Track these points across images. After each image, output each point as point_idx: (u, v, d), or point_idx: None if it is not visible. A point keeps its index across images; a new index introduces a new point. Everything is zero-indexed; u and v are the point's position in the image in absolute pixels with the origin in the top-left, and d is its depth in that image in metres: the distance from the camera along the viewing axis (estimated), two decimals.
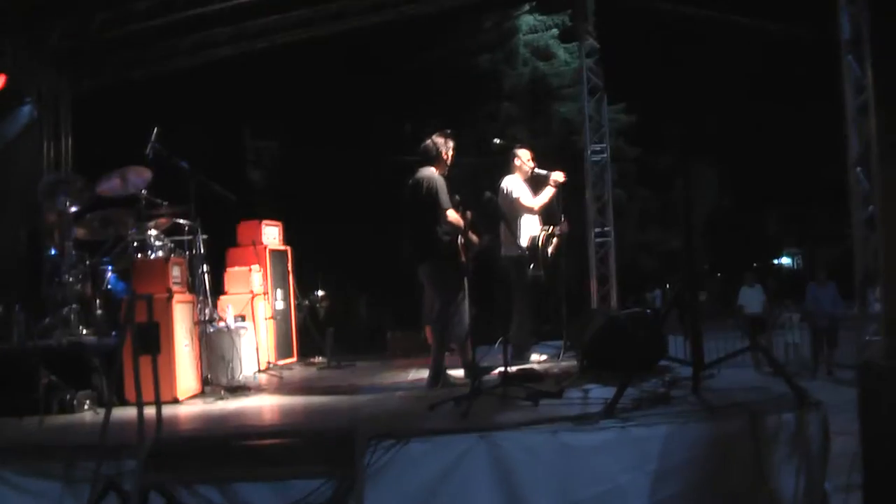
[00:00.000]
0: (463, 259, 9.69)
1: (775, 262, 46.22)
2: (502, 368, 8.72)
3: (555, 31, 21.47)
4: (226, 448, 6.93)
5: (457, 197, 9.72)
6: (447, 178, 9.87)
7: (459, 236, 9.67)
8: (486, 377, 9.34)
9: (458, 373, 9.92)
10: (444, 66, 19.29)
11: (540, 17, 21.85)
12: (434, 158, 9.91)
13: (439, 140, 9.98)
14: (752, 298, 19.04)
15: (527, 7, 21.38)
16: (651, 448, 6.70)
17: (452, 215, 9.63)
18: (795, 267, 45.31)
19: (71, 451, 6.94)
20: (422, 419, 7.61)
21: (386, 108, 17.48)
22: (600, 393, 8.09)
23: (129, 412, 8.61)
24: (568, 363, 10.73)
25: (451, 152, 10.01)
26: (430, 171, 9.82)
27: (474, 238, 9.84)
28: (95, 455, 6.74)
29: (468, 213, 9.77)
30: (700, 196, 18.93)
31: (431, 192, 9.64)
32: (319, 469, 6.53)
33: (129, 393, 9.44)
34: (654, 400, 7.54)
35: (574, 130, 16.96)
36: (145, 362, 9.00)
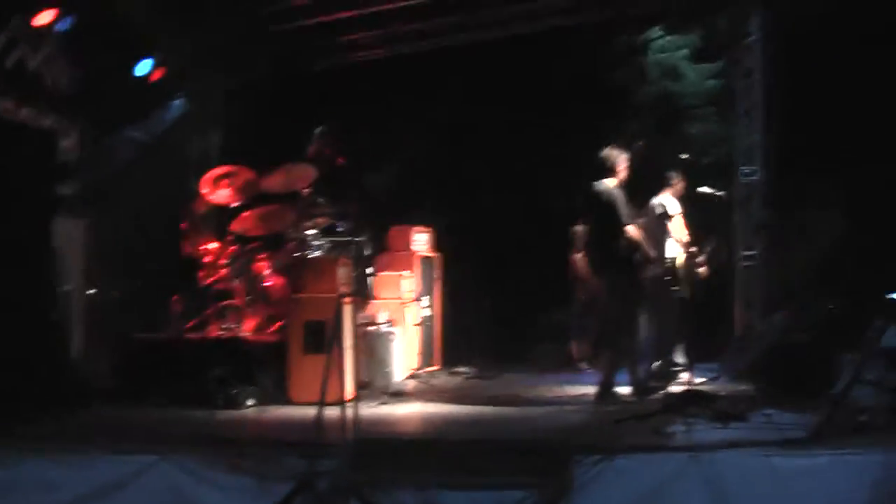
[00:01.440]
0: (641, 274, 9.54)
1: None
2: (671, 388, 8.55)
3: (685, 52, 21.09)
4: (427, 453, 6.80)
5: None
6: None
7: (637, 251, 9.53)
8: (654, 396, 9.17)
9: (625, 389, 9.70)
10: (578, 80, 18.96)
11: (670, 38, 21.46)
12: (610, 171, 9.72)
13: (614, 152, 9.81)
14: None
15: (657, 27, 21.02)
16: (866, 476, 6.49)
17: (631, 230, 9.47)
18: None
19: (263, 446, 6.85)
20: (618, 435, 7.42)
21: (516, 117, 17.28)
22: (782, 418, 7.84)
23: (298, 412, 8.59)
24: (730, 386, 10.44)
25: (626, 164, 9.81)
26: (608, 185, 9.65)
27: (650, 252, 9.67)
28: (289, 452, 6.66)
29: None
30: (828, 219, 18.39)
31: (610, 205, 9.48)
32: (525, 480, 6.37)
33: (294, 392, 9.37)
34: (854, 428, 7.26)
35: (702, 151, 16.48)
36: (310, 362, 9.01)
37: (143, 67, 11.44)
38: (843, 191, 16.10)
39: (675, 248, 10.84)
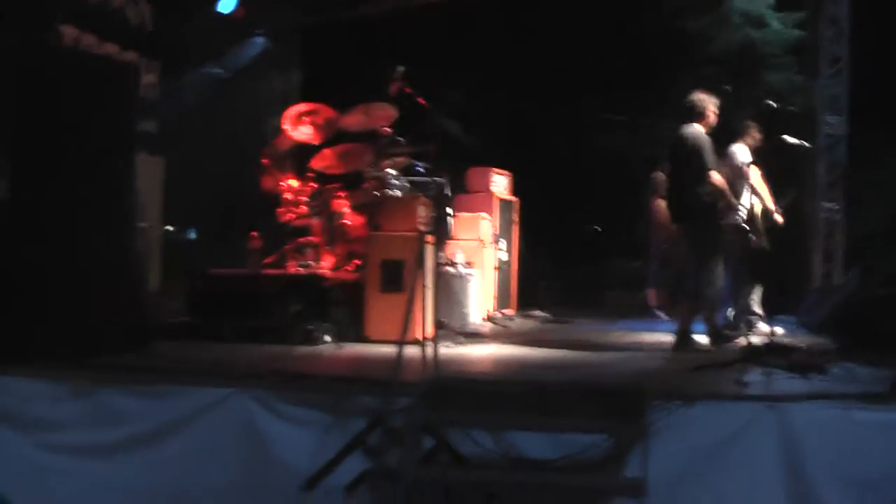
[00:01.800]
0: (722, 222, 9.46)
1: None
2: (750, 338, 8.46)
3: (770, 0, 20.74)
4: (504, 394, 6.80)
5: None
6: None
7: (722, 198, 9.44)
8: (731, 345, 9.10)
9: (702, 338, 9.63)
10: (653, 27, 18.78)
11: None
12: (699, 116, 9.59)
13: (703, 97, 9.67)
14: None
15: None
16: None
17: (716, 177, 9.35)
18: None
19: (341, 383, 6.87)
20: (696, 382, 7.38)
21: (592, 63, 17.14)
22: (863, 372, 7.72)
23: (374, 350, 8.62)
24: (807, 338, 10.33)
25: (715, 110, 9.67)
26: (696, 129, 9.52)
27: (734, 201, 9.57)
28: (366, 388, 6.68)
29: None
30: None
31: (696, 151, 9.36)
32: (602, 423, 6.34)
33: (370, 330, 9.40)
34: None
35: (783, 101, 16.13)
36: (387, 300, 9.04)
37: (227, 5, 11.48)
38: None
39: (752, 197, 10.68)
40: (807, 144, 10.93)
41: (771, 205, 10.70)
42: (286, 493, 6.57)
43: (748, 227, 10.30)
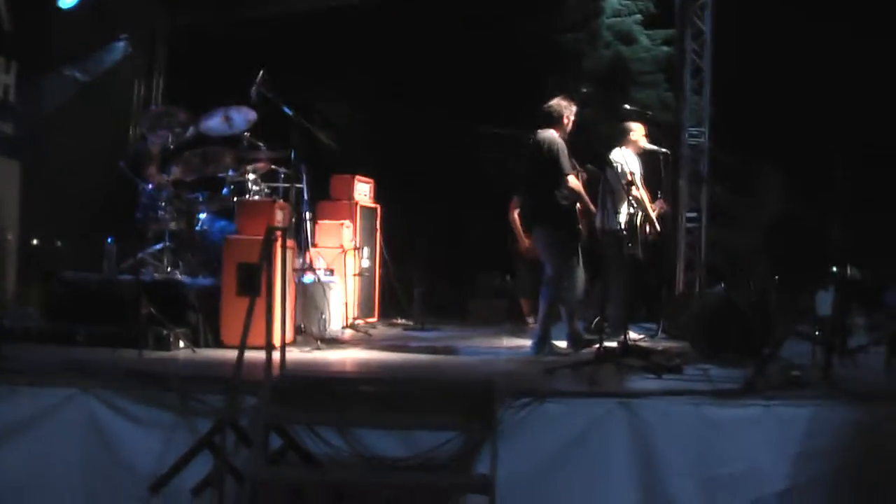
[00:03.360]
0: (579, 226, 9.47)
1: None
2: (608, 342, 8.48)
3: (638, 17, 21.07)
4: (352, 392, 6.72)
5: (588, 166, 9.52)
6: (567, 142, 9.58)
7: (577, 202, 9.45)
8: (589, 350, 9.11)
9: (561, 343, 9.63)
10: (526, 40, 18.89)
11: (624, 2, 21.44)
12: (556, 121, 9.59)
13: (563, 103, 9.69)
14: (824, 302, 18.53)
15: None
16: (794, 429, 6.49)
17: (573, 181, 9.38)
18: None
19: (187, 382, 6.72)
20: (549, 382, 7.38)
21: (464, 73, 17.17)
22: (719, 373, 7.83)
23: (228, 354, 8.43)
24: (667, 343, 10.41)
25: (573, 117, 9.69)
26: (552, 133, 9.52)
27: (591, 205, 9.59)
28: (213, 389, 6.54)
29: (584, 174, 9.57)
30: (768, 198, 18.47)
31: (553, 155, 9.36)
32: (452, 420, 6.29)
33: (226, 334, 9.24)
34: (788, 382, 7.21)
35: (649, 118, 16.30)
36: (243, 304, 8.85)
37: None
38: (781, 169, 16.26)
39: (630, 206, 10.65)
40: (664, 150, 10.98)
41: (651, 213, 10.72)
42: (132, 495, 6.44)
43: (627, 236, 10.29)
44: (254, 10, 13.47)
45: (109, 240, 10.32)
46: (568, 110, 9.64)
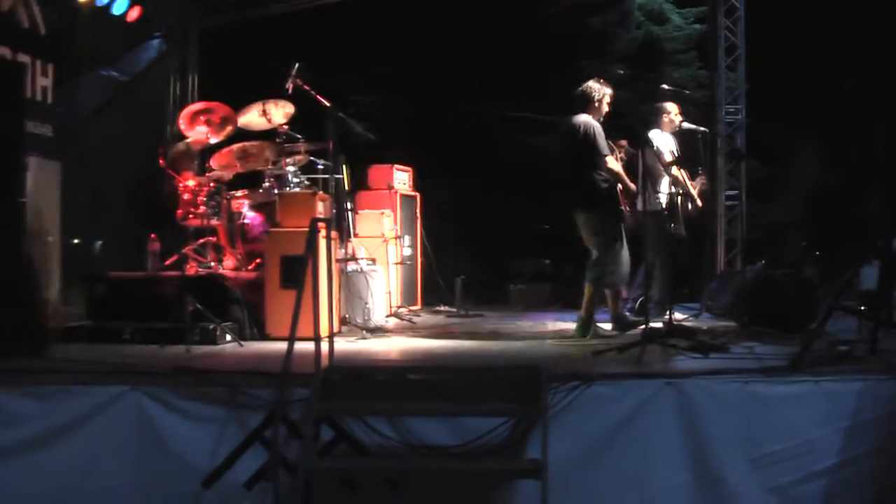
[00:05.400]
0: (622, 206, 9.47)
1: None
2: (653, 323, 8.48)
3: None
4: (401, 381, 6.74)
5: (622, 142, 9.50)
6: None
7: (618, 183, 9.43)
8: (635, 331, 9.10)
9: (606, 325, 9.63)
10: (555, 25, 18.84)
11: None
12: (590, 104, 9.57)
13: (596, 86, 9.66)
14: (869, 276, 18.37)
15: None
16: (844, 404, 6.50)
17: (612, 162, 9.36)
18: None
19: (236, 377, 6.76)
20: (596, 364, 7.38)
21: (492, 62, 17.15)
22: (766, 350, 7.84)
23: (274, 346, 8.51)
24: (711, 322, 10.39)
25: (608, 99, 9.66)
26: (586, 117, 9.50)
27: (632, 185, 9.56)
28: (263, 383, 6.57)
29: (623, 153, 9.56)
30: (805, 169, 18.37)
31: (589, 138, 9.35)
32: (500, 407, 6.32)
33: (271, 327, 9.29)
34: (835, 357, 7.20)
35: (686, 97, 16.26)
36: (287, 297, 8.90)
37: (121, 6, 11.35)
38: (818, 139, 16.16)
39: (670, 185, 10.61)
40: (704, 129, 10.94)
41: (692, 190, 10.70)
42: (185, 491, 6.48)
43: (669, 216, 10.26)
44: (284, 4, 13.47)
45: (152, 237, 10.38)
46: (601, 93, 9.61)
